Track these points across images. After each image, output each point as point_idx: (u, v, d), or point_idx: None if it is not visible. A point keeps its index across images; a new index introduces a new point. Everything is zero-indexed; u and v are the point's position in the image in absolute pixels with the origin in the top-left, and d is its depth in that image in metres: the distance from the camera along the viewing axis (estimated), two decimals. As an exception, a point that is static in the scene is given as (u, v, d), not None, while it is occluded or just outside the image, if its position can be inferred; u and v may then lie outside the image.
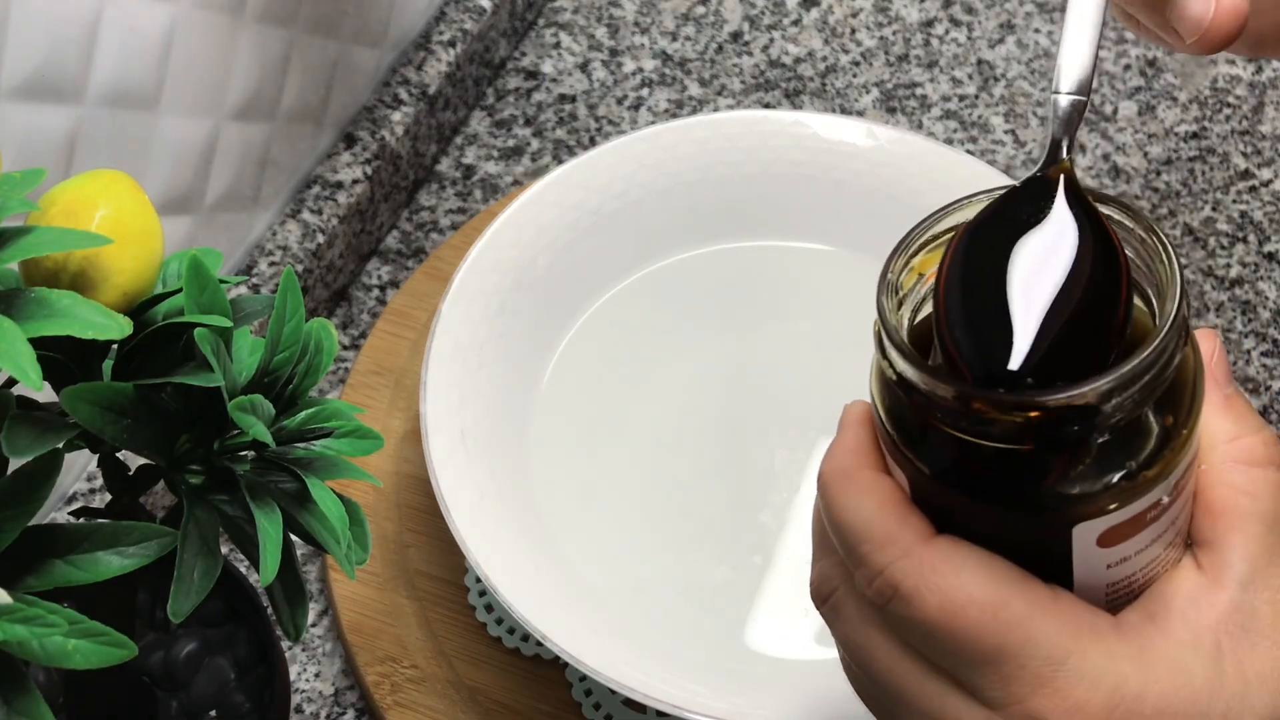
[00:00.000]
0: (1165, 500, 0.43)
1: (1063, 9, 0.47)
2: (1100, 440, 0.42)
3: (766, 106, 0.94)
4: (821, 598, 0.48)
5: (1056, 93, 0.48)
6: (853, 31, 0.97)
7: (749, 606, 0.75)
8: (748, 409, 0.81)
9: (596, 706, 0.74)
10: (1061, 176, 0.45)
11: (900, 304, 0.45)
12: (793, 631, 0.74)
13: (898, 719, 0.47)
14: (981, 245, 0.44)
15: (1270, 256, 0.88)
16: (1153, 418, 0.42)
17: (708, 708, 0.68)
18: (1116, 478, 0.42)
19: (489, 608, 0.76)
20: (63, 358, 0.52)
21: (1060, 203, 0.44)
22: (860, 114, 0.94)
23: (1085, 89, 0.48)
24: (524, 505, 0.76)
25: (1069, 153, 0.46)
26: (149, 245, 0.52)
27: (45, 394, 0.49)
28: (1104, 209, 0.45)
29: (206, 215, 0.80)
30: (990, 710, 0.44)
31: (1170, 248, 0.43)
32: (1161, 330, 0.41)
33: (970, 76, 0.95)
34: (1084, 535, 0.43)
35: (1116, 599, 0.45)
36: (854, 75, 0.96)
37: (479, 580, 0.76)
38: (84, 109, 0.69)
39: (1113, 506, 0.43)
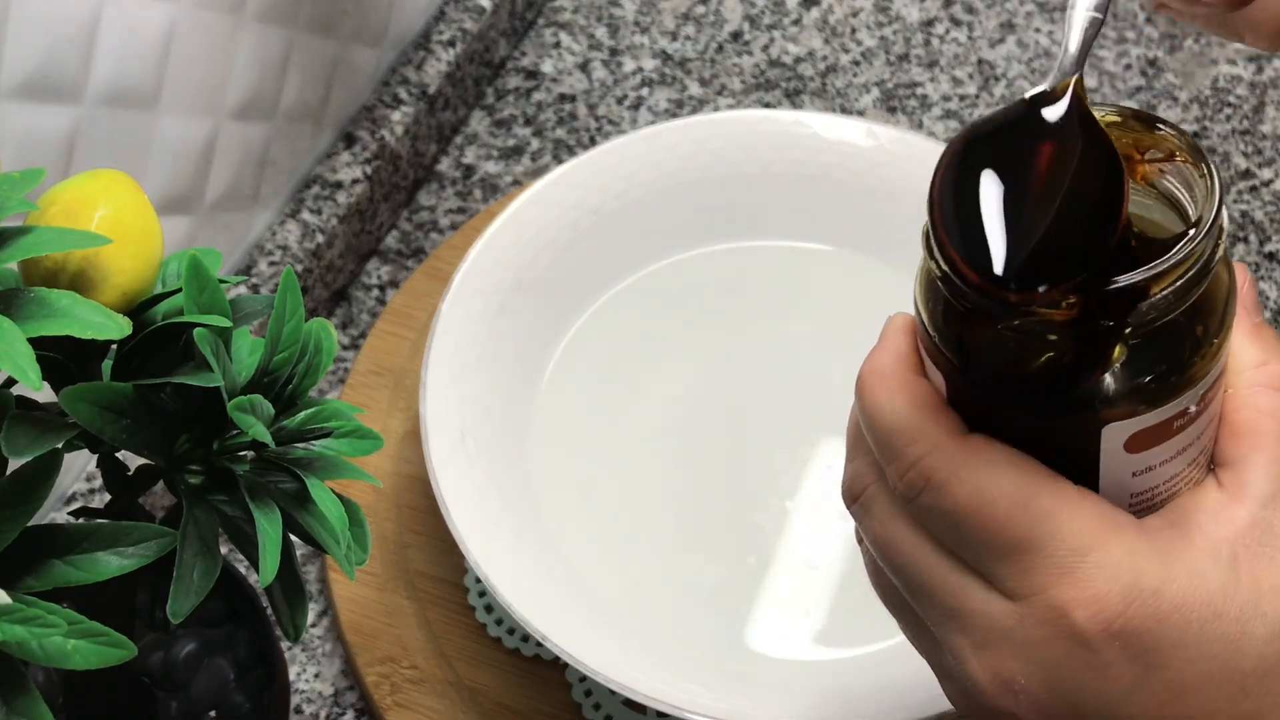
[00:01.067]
0: (1192, 410, 0.45)
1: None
2: (1134, 341, 0.43)
3: (767, 106, 0.94)
4: (853, 496, 0.49)
5: (1073, 8, 0.47)
6: (853, 31, 0.97)
7: (749, 606, 0.75)
8: (747, 409, 0.81)
9: (596, 707, 0.74)
10: (1069, 90, 0.45)
11: None
12: (792, 631, 0.74)
13: (922, 616, 0.48)
14: (981, 153, 0.45)
15: (1271, 256, 0.88)
16: (1185, 324, 0.44)
17: (707, 708, 0.68)
18: (1148, 379, 0.43)
19: (489, 608, 0.76)
20: (62, 358, 0.52)
21: (1066, 112, 0.45)
22: (860, 114, 0.94)
23: (1103, 7, 0.47)
24: (524, 505, 0.76)
25: (1078, 69, 0.46)
26: (148, 245, 0.52)
27: (45, 394, 0.49)
28: (1159, 126, 0.45)
29: (206, 215, 0.79)
30: (1011, 601, 0.45)
31: (1209, 161, 0.44)
32: (1203, 229, 0.43)
33: (971, 76, 0.95)
34: (1112, 437, 0.44)
35: (1139, 510, 0.46)
36: (854, 75, 0.96)
37: (479, 580, 0.76)
38: (83, 109, 0.69)
39: (1142, 408, 0.44)
